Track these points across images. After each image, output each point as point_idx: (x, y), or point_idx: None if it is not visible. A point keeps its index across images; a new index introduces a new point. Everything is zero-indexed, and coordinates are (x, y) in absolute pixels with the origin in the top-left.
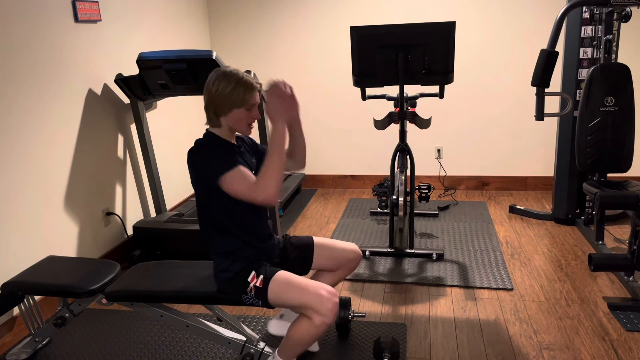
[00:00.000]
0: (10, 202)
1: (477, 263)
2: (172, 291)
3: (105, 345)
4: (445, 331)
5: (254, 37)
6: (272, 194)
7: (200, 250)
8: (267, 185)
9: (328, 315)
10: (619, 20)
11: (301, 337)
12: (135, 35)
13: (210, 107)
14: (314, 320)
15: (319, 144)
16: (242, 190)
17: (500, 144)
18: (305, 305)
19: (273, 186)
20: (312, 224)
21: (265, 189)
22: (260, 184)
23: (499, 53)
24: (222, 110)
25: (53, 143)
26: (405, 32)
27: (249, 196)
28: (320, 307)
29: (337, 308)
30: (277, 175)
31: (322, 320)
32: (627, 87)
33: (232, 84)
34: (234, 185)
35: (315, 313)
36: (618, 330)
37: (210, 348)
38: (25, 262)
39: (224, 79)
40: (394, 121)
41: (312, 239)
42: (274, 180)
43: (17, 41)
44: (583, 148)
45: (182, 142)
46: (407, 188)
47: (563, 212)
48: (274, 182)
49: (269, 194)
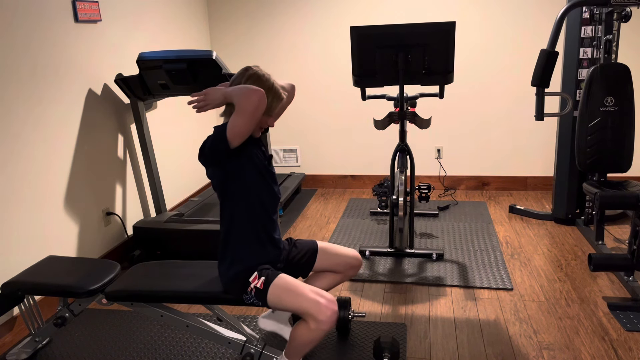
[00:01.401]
0: (11, 202)
1: (477, 263)
2: (172, 291)
3: (105, 345)
4: (445, 331)
5: (254, 37)
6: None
7: (200, 250)
8: (248, 95)
9: (326, 322)
10: (619, 20)
11: (303, 341)
12: (135, 35)
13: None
14: (311, 326)
15: (319, 144)
16: (243, 114)
17: (500, 144)
18: (304, 311)
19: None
20: (312, 224)
21: (252, 93)
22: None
23: (498, 53)
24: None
25: (53, 143)
26: (405, 32)
27: (249, 112)
28: (318, 314)
29: (336, 315)
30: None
31: (318, 327)
32: (627, 87)
33: (264, 89)
34: (234, 121)
35: (312, 320)
36: (618, 330)
37: (210, 348)
38: (25, 262)
39: (258, 81)
40: (394, 121)
41: (316, 243)
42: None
43: (17, 41)
44: (583, 148)
45: (182, 142)
46: (407, 188)
47: (563, 212)
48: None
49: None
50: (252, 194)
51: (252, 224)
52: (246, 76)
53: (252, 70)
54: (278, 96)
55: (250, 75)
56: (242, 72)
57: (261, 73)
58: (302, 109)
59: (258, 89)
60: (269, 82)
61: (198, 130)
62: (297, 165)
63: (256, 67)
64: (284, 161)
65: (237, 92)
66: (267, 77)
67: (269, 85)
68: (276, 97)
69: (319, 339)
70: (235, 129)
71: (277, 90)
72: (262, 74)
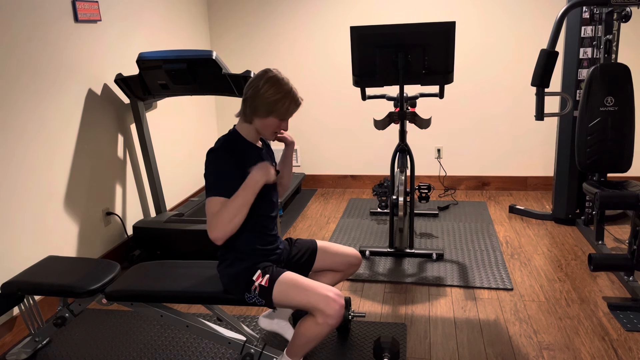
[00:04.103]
0: (11, 202)
1: (477, 263)
2: (172, 291)
3: (105, 345)
4: (445, 331)
5: (254, 37)
6: (217, 235)
7: (200, 250)
8: (217, 223)
9: (334, 316)
10: (619, 20)
11: (308, 338)
12: (135, 35)
13: (251, 104)
14: (319, 321)
15: (319, 143)
16: (207, 217)
17: (500, 144)
18: (312, 306)
19: (221, 226)
20: (312, 224)
21: (214, 227)
22: (212, 221)
23: (498, 53)
24: (260, 112)
25: (53, 143)
26: (405, 32)
27: (208, 227)
28: (326, 308)
29: (343, 310)
30: (229, 216)
31: (327, 321)
32: (627, 87)
33: (282, 93)
34: (206, 209)
35: (321, 314)
36: (618, 330)
37: (210, 348)
38: (25, 262)
39: (276, 84)
40: (394, 121)
41: (315, 243)
42: (224, 221)
43: (17, 41)
44: (583, 148)
45: (182, 142)
46: (407, 188)
47: (563, 212)
48: (224, 223)
49: (215, 234)
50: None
51: (251, 223)
52: (265, 79)
53: (272, 73)
54: (295, 101)
55: (269, 79)
56: (262, 74)
57: (280, 77)
58: (302, 109)
59: (220, 241)
60: (288, 86)
61: (198, 130)
62: (297, 165)
63: (275, 70)
64: None
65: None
66: (286, 81)
67: (287, 89)
68: (293, 102)
69: (324, 335)
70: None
71: (295, 96)
72: (282, 77)
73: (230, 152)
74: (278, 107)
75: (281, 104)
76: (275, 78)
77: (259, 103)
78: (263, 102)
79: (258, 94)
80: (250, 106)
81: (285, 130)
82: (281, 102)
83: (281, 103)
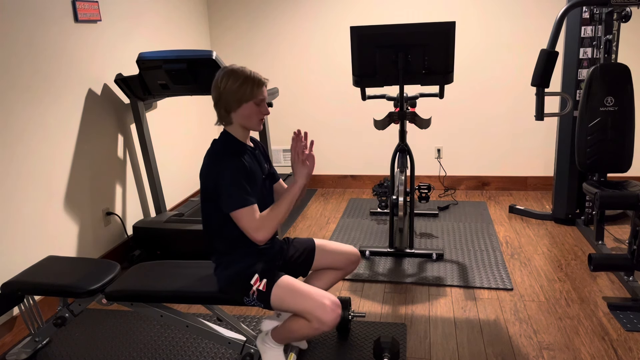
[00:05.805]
0: (11, 202)
1: (477, 263)
2: (172, 291)
3: (105, 345)
4: (445, 331)
5: (254, 37)
6: (268, 236)
7: (200, 250)
8: (268, 226)
9: (330, 325)
10: (619, 20)
11: (294, 332)
12: (135, 36)
13: (220, 104)
14: (314, 326)
15: (319, 143)
16: (246, 226)
17: (500, 144)
18: (309, 312)
19: (271, 230)
20: (312, 224)
21: (266, 230)
22: (264, 224)
23: (498, 53)
24: (231, 106)
25: (53, 143)
26: (405, 32)
27: (249, 232)
28: (322, 315)
29: (339, 319)
30: (279, 222)
31: (321, 327)
32: (627, 87)
33: (240, 79)
34: (241, 222)
35: (317, 320)
36: (618, 330)
37: (210, 348)
38: (25, 262)
39: (232, 75)
40: (394, 121)
41: (313, 241)
42: (274, 224)
43: (17, 41)
44: (583, 148)
45: (182, 142)
46: (407, 188)
47: (563, 212)
48: (273, 226)
49: (266, 236)
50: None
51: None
52: (221, 76)
53: (226, 68)
54: (257, 82)
55: (225, 73)
56: (217, 75)
57: (235, 67)
58: (302, 109)
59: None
60: (244, 72)
61: (198, 130)
62: None
63: (229, 65)
64: (283, 161)
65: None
66: (242, 68)
67: (245, 74)
68: (256, 84)
69: (310, 336)
70: (236, 223)
71: (255, 77)
72: (237, 67)
73: (236, 155)
74: (243, 92)
75: (244, 88)
76: (229, 70)
77: (226, 98)
78: (229, 95)
79: (222, 91)
80: (222, 107)
81: (267, 114)
82: (244, 86)
83: (244, 87)
